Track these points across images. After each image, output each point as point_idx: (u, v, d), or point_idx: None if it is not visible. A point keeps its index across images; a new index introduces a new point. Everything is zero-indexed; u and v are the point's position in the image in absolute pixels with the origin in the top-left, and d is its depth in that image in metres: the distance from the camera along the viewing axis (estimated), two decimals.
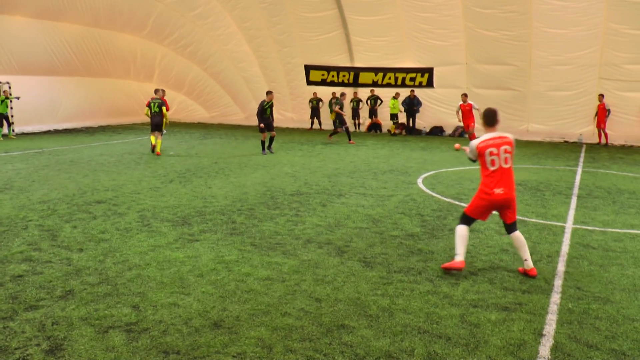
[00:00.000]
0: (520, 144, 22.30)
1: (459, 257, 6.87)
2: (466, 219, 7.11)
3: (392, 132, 26.62)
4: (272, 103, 19.11)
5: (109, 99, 30.18)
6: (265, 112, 18.81)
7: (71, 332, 5.17)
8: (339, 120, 22.64)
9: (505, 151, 6.86)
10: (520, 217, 9.78)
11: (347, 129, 22.61)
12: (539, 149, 20.63)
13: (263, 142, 18.98)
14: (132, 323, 5.36)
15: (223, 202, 10.96)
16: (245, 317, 5.51)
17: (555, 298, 6.09)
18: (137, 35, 29.29)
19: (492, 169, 6.85)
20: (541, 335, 5.19)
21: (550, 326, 5.38)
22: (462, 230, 7.01)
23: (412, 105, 26.24)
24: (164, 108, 18.33)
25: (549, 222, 9.53)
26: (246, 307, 5.76)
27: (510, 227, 6.98)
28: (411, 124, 26.68)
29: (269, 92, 19.00)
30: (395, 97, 26.47)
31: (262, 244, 8.11)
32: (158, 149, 18.15)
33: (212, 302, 5.88)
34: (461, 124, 22.24)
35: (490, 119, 7.05)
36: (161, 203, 10.77)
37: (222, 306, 5.78)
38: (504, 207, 6.89)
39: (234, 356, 4.73)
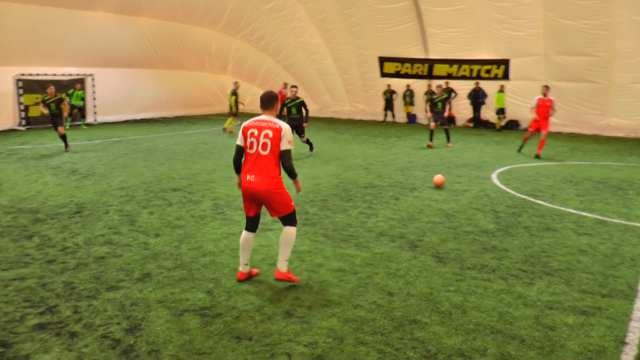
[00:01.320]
0: (601, 140, 21.45)
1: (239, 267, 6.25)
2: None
3: (498, 128, 25.28)
4: (301, 100, 15.68)
5: (184, 90, 30.99)
6: (290, 111, 15.47)
7: (148, 313, 5.35)
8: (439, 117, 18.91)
9: (265, 136, 5.91)
10: (601, 217, 9.40)
11: (445, 129, 19.31)
12: (621, 145, 19.72)
13: None
14: (206, 308, 5.48)
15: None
16: (317, 307, 5.54)
17: None
18: (213, 29, 29.87)
19: (250, 152, 6.01)
20: (623, 343, 4.95)
21: (633, 334, 5.11)
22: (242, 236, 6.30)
23: (477, 98, 25.64)
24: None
25: (632, 223, 9.09)
26: (318, 297, 5.79)
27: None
28: (476, 116, 26.07)
29: (293, 86, 15.67)
30: (501, 90, 24.85)
31: (334, 235, 8.12)
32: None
33: (285, 291, 5.94)
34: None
35: (264, 101, 6.26)
36: (234, 192, 10.95)
37: (295, 295, 5.83)
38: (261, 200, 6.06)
39: (305, 345, 4.76)
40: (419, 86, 28.00)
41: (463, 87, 26.27)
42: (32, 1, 21.50)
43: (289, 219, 6.07)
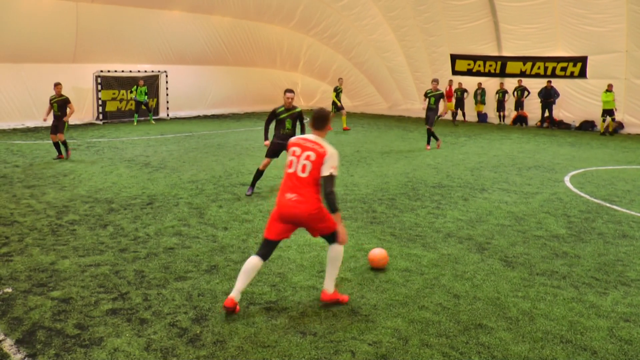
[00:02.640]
0: None
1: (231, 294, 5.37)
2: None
3: (603, 132, 23.09)
4: (299, 111, 10.72)
5: (255, 87, 31.48)
6: (282, 124, 10.73)
7: (215, 304, 5.46)
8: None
9: (307, 157, 5.36)
10: None
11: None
12: None
13: (257, 174, 10.73)
14: (272, 302, 5.55)
15: (364, 190, 11.02)
16: (382, 306, 5.50)
17: None
18: (285, 27, 30.20)
19: (289, 171, 5.48)
20: None
21: None
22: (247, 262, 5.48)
23: (548, 97, 24.75)
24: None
25: None
26: (384, 296, 5.75)
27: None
28: (547, 116, 25.18)
29: (287, 91, 10.53)
30: (609, 89, 22.48)
31: (401, 234, 8.06)
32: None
33: (350, 289, 5.93)
34: None
35: (315, 120, 5.60)
36: None
37: (360, 293, 5.81)
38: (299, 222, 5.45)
39: (369, 344, 4.74)
40: (491, 84, 27.37)
41: (535, 86, 25.48)
42: (112, 1, 22.46)
43: (334, 237, 5.50)
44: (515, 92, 26.16)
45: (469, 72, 27.26)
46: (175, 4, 24.85)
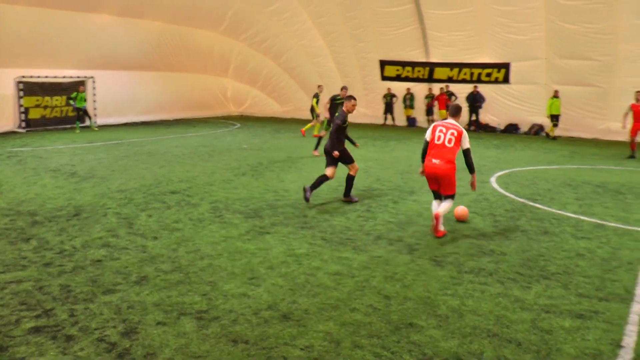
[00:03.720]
0: (601, 144, 21.46)
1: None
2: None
3: (550, 135, 23.52)
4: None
5: (186, 93, 31.03)
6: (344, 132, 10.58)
7: (145, 316, 5.35)
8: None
9: (452, 134, 8.34)
10: (599, 221, 9.40)
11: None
12: (620, 149, 19.65)
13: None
14: (203, 311, 5.48)
15: (295, 196, 11.05)
16: (314, 310, 5.53)
17: (637, 308, 5.79)
18: (215, 31, 29.93)
19: (437, 143, 8.43)
20: (619, 346, 4.94)
21: (630, 337, 5.11)
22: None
23: (475, 102, 25.62)
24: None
25: (630, 227, 9.08)
26: (315, 300, 5.78)
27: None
28: (474, 120, 26.08)
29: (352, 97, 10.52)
30: (555, 95, 23.08)
31: (332, 238, 8.13)
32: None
33: (282, 294, 5.93)
34: (626, 126, 18.13)
35: (453, 110, 8.67)
36: (233, 195, 10.96)
37: (292, 299, 5.82)
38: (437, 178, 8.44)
39: (301, 349, 4.76)
40: (420, 90, 27.98)
41: (462, 91, 26.25)
42: (35, 3, 21.53)
43: (450, 197, 8.49)
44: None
45: (398, 78, 27.77)
46: (103, 7, 24.09)
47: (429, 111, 27.45)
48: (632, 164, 16.28)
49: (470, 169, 8.49)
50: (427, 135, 8.55)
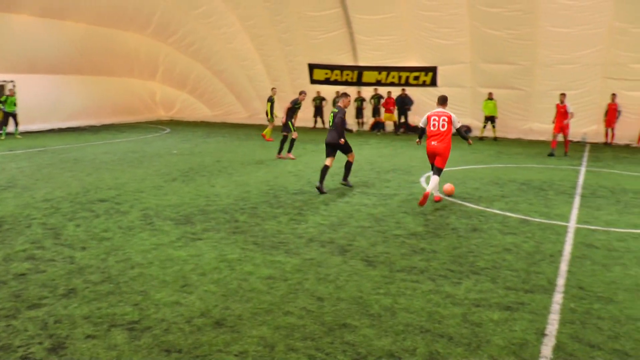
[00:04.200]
0: (524, 143, 22.32)
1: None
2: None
3: (481, 137, 24.30)
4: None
5: (113, 97, 30.21)
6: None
7: (73, 330, 5.18)
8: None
9: (444, 120, 10.57)
10: (523, 217, 9.79)
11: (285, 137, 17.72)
12: (542, 148, 20.54)
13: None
14: (134, 322, 5.37)
15: (226, 200, 10.97)
16: (247, 315, 5.51)
17: (558, 298, 6.08)
18: (141, 34, 29.32)
19: (433, 130, 10.64)
20: (543, 335, 5.18)
21: (552, 326, 5.37)
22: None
23: (403, 104, 26.21)
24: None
25: (552, 222, 9.51)
26: (248, 305, 5.76)
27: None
28: (403, 121, 26.72)
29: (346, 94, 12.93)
30: (490, 97, 23.83)
31: (264, 242, 8.11)
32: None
33: (215, 301, 5.88)
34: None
35: (441, 100, 10.99)
36: (164, 202, 10.78)
37: (225, 305, 5.78)
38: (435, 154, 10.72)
39: (235, 355, 4.73)
40: (349, 93, 28.19)
41: (392, 94, 26.73)
42: None
43: (439, 171, 10.67)
44: (372, 100, 27.27)
45: (327, 81, 27.97)
46: (22, 7, 23.07)
47: (359, 113, 27.77)
48: (553, 162, 17.03)
49: (464, 138, 11.02)
50: (422, 122, 11.02)
